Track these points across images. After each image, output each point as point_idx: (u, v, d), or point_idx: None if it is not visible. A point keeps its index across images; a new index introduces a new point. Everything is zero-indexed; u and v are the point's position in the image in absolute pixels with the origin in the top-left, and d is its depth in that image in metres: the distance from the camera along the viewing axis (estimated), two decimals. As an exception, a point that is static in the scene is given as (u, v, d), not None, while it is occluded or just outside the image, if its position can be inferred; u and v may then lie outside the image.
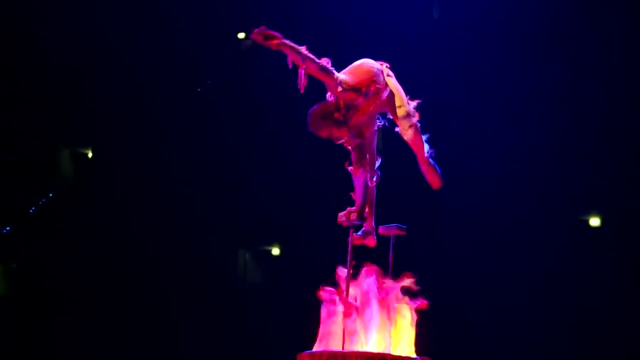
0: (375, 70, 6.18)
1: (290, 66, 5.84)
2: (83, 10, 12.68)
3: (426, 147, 6.40)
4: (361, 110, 6.11)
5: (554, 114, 12.19)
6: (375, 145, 6.44)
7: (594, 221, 12.26)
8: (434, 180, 6.50)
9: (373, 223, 6.49)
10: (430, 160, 6.46)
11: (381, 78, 6.19)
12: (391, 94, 6.25)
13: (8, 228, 12.69)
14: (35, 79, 12.76)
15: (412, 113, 6.29)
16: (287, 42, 5.75)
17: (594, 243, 12.03)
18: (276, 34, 5.73)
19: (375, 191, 6.47)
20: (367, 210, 6.40)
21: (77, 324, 12.48)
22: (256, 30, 5.70)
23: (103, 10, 12.76)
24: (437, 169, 6.48)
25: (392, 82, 6.28)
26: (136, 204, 12.93)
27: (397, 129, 6.35)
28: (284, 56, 5.82)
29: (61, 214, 12.93)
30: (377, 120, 6.39)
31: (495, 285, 12.02)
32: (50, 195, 12.99)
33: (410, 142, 6.36)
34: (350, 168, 6.32)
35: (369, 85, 6.07)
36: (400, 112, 6.26)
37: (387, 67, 6.33)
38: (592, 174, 12.01)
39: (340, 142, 6.21)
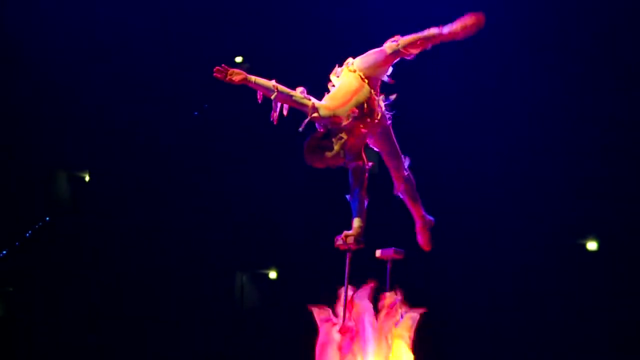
0: (355, 89, 6.02)
1: (260, 100, 5.76)
2: (79, 33, 12.72)
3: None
4: (353, 133, 6.02)
5: (551, 139, 12.21)
6: (394, 140, 6.35)
7: (591, 245, 12.25)
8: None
9: (423, 210, 6.60)
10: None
11: (364, 96, 6.05)
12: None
13: (5, 252, 12.65)
14: (31, 101, 12.77)
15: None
16: (251, 77, 5.67)
17: (592, 267, 12.03)
18: (237, 70, 5.64)
19: (413, 180, 6.44)
20: (418, 206, 6.52)
21: (73, 350, 12.43)
22: (216, 68, 5.63)
23: (98, 34, 12.79)
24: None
25: (361, 61, 6.18)
26: (133, 227, 12.91)
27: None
28: (278, 81, 5.76)
29: (58, 238, 12.90)
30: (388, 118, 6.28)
31: (491, 309, 12.00)
32: (47, 218, 12.97)
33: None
34: (347, 196, 6.27)
35: (352, 107, 5.93)
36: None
37: (350, 62, 6.20)
38: (591, 198, 12.02)
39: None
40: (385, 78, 6.19)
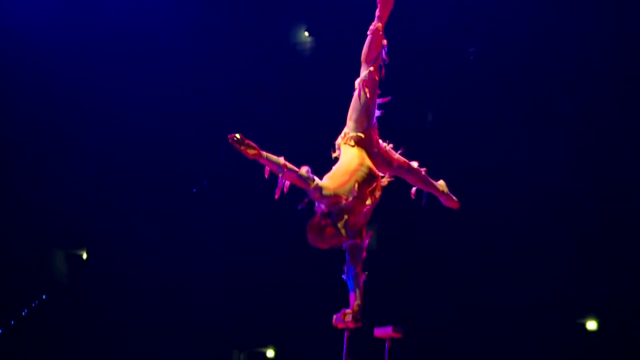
0: (353, 168, 6.00)
1: (267, 176, 5.80)
2: (75, 120, 12.88)
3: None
4: (354, 211, 5.97)
5: (552, 218, 12.26)
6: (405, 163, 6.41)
7: (591, 325, 12.20)
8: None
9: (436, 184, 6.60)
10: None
11: (364, 172, 6.05)
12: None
13: (1, 330, 12.57)
14: (30, 182, 12.83)
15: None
16: (263, 153, 5.72)
17: (592, 347, 11.98)
18: (252, 143, 5.70)
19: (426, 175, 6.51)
20: (434, 187, 6.51)
21: None
22: (231, 135, 5.67)
23: (92, 122, 12.94)
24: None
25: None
26: (131, 306, 12.85)
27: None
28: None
29: (55, 317, 12.83)
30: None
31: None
32: (44, 297, 12.91)
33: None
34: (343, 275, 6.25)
35: (352, 187, 5.91)
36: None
37: (344, 133, 6.24)
38: (591, 278, 12.01)
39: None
40: (378, 113, 6.27)
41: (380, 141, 6.32)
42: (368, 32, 6.18)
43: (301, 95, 12.99)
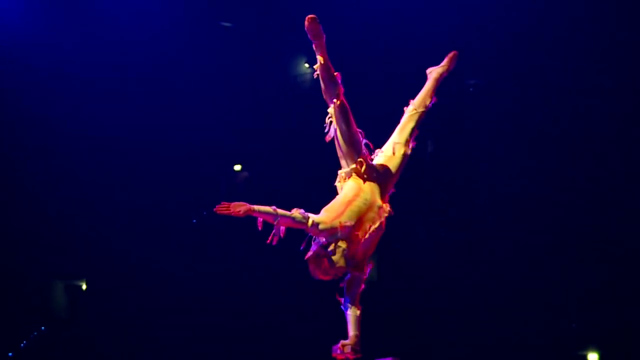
0: (349, 199, 6.04)
1: (260, 228, 5.83)
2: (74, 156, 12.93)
3: None
4: (352, 240, 5.98)
5: (551, 247, 12.27)
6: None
7: (592, 357, 12.19)
8: None
9: None
10: None
11: (360, 203, 6.07)
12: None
13: (-2, 363, 12.56)
14: (29, 211, 12.84)
15: None
16: (254, 207, 5.74)
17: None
18: (239, 202, 5.73)
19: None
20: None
21: None
22: (217, 207, 5.71)
23: (92, 157, 13.00)
24: None
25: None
26: (131, 339, 12.82)
27: None
28: (275, 189, 5.83)
29: (54, 349, 12.80)
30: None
31: None
32: (42, 328, 12.89)
33: None
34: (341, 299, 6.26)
35: (346, 218, 5.93)
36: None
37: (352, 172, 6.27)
38: (592, 309, 12.01)
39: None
40: (365, 141, 6.31)
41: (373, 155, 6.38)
42: (322, 70, 6.20)
43: (301, 127, 13.01)
